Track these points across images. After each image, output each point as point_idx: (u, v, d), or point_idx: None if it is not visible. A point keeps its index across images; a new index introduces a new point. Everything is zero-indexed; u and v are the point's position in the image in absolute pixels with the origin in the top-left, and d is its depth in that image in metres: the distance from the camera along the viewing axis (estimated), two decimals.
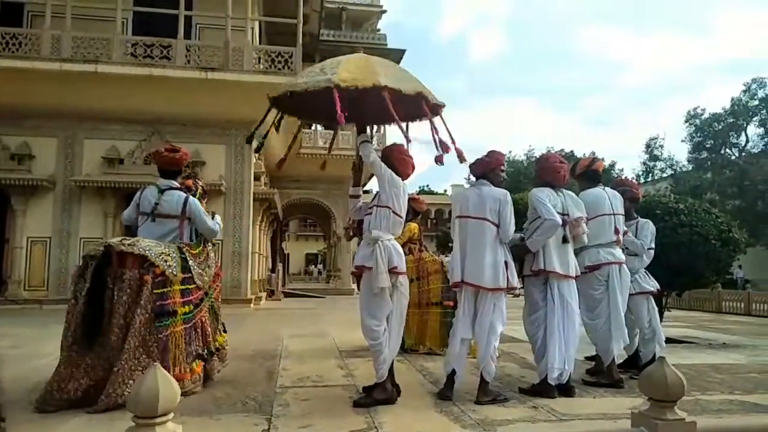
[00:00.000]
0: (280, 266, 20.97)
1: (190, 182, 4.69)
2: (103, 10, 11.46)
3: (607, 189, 4.93)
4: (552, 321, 4.11)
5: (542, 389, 4.12)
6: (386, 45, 18.30)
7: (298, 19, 12.32)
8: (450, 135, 4.08)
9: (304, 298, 18.12)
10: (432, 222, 53.13)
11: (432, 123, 4.09)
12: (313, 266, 48.18)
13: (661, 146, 37.86)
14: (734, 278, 23.14)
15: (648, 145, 38.17)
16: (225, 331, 4.70)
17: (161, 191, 4.36)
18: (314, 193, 20.38)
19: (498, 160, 4.25)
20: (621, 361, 5.12)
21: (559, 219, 4.08)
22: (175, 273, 3.94)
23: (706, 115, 33.45)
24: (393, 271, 3.87)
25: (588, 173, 4.95)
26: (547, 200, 4.15)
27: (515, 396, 4.16)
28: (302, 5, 12.67)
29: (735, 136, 32.90)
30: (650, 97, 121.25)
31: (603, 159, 5.47)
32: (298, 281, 35.66)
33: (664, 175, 38.30)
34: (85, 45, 10.99)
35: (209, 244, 4.56)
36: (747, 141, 32.63)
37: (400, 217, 4.01)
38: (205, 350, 4.23)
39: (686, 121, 34.35)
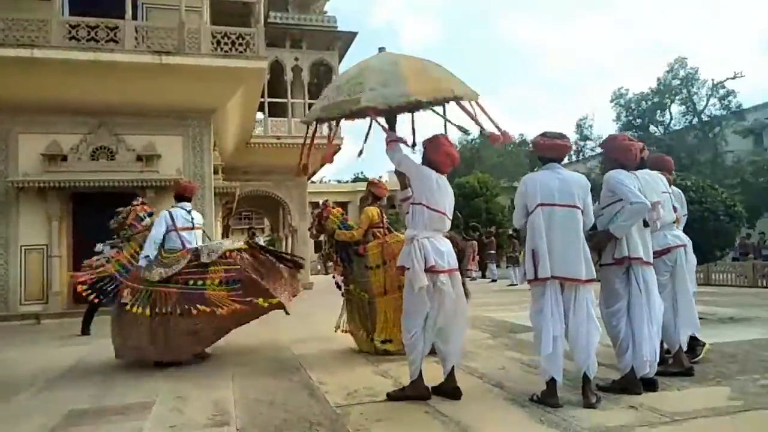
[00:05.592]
0: None
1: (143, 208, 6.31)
2: None
3: (653, 171, 4.71)
4: (639, 311, 3.82)
5: (628, 385, 3.85)
6: (337, 27, 17.57)
7: None
8: (491, 120, 4.09)
9: None
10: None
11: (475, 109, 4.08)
12: None
13: (591, 126, 39.37)
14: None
15: (578, 125, 39.54)
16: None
17: (188, 211, 6.05)
18: (265, 184, 19.42)
19: (570, 144, 4.04)
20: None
21: (647, 201, 3.79)
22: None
23: (630, 95, 34.91)
24: (431, 270, 3.71)
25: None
26: (629, 182, 3.86)
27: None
28: None
29: (660, 114, 34.52)
30: (574, 84, 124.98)
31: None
32: None
33: (594, 153, 39.79)
34: (17, 27, 9.58)
35: None
36: (671, 119, 34.34)
37: (438, 212, 3.82)
38: None
39: (612, 101, 35.72)
